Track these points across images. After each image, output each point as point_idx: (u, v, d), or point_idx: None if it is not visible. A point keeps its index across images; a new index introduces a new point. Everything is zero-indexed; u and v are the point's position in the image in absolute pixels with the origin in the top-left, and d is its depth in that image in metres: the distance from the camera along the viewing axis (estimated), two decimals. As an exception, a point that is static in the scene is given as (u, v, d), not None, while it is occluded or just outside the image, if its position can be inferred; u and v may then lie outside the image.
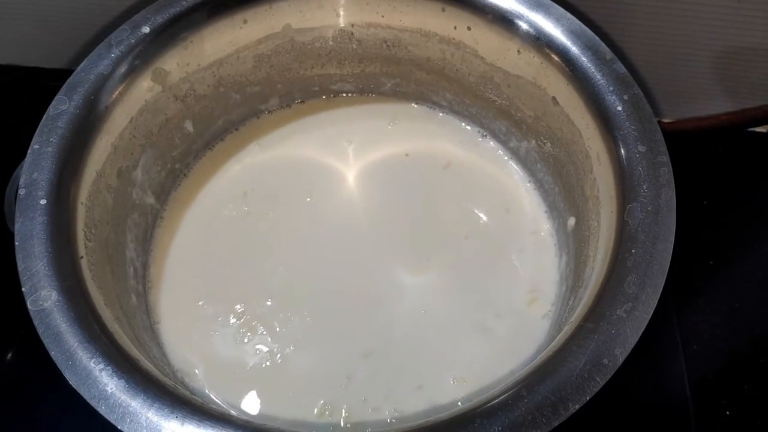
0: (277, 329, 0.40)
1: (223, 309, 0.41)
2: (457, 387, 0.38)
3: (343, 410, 0.37)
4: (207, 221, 0.45)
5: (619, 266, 0.32)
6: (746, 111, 0.49)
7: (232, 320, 0.41)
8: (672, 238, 0.32)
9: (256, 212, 0.46)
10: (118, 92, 0.39)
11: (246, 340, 0.40)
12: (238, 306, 0.41)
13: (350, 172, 0.48)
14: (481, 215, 0.46)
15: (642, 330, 0.30)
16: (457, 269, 0.43)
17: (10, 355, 0.43)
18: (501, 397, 0.28)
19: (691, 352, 0.44)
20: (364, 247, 0.44)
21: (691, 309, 0.46)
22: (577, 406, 0.28)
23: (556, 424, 0.28)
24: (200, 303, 0.42)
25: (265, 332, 0.40)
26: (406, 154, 0.48)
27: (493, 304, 0.42)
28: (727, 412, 0.42)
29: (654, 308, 0.31)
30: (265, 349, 0.40)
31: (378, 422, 0.36)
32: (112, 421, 0.27)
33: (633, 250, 0.32)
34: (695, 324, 0.46)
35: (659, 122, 0.37)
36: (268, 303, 0.42)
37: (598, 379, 0.29)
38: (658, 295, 0.31)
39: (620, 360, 0.29)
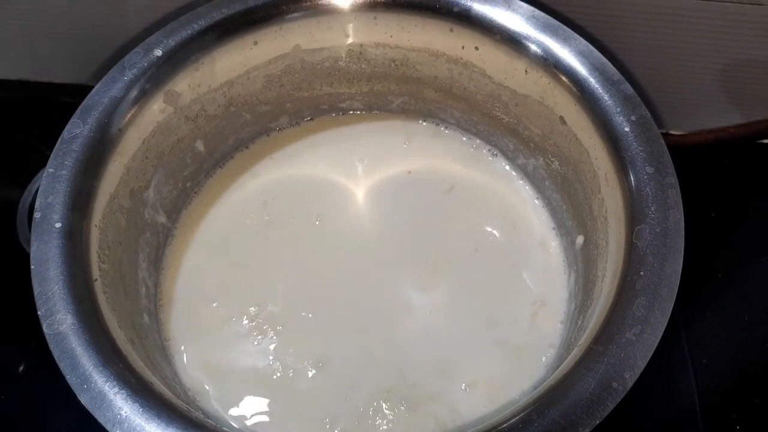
0: (288, 349, 0.41)
1: (234, 326, 0.42)
2: (467, 404, 0.38)
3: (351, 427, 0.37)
4: (217, 239, 0.46)
5: (627, 288, 0.32)
6: (754, 123, 0.49)
7: (243, 336, 0.41)
8: (680, 261, 0.33)
9: (266, 230, 0.46)
10: (130, 115, 0.40)
11: (257, 357, 0.40)
12: (249, 323, 0.42)
13: (359, 190, 0.48)
14: (489, 232, 0.46)
15: (651, 353, 0.30)
16: (466, 286, 0.43)
17: (22, 367, 0.44)
18: (511, 421, 0.29)
19: (700, 365, 0.44)
20: (373, 266, 0.44)
21: (700, 322, 0.46)
22: (587, 430, 0.28)
23: (566, 449, 0.28)
24: (211, 320, 0.42)
25: (276, 350, 0.41)
26: (413, 172, 0.49)
27: (502, 320, 0.42)
28: (738, 427, 0.42)
29: (663, 331, 0.31)
30: (276, 365, 0.40)
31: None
32: (128, 446, 0.28)
33: (642, 273, 0.32)
34: (704, 337, 0.46)
35: (666, 135, 0.37)
36: (279, 322, 0.42)
37: (608, 402, 0.29)
38: (667, 318, 0.31)
39: (630, 384, 0.29)
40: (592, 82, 0.39)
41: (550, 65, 0.41)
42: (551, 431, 0.28)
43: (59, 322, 0.31)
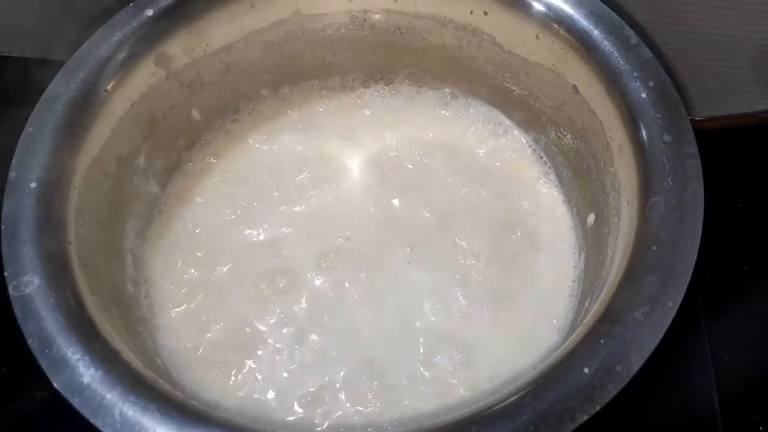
0: (278, 322, 0.39)
1: (222, 302, 0.40)
2: (467, 382, 0.36)
3: (333, 406, 0.35)
4: (211, 211, 0.44)
5: (638, 265, 0.29)
6: (787, 108, 0.45)
7: (230, 314, 0.39)
8: (698, 236, 0.30)
9: (262, 202, 0.44)
10: (118, 76, 0.38)
11: (244, 336, 0.39)
12: (238, 301, 0.40)
13: (363, 162, 0.46)
14: (497, 210, 0.43)
15: (661, 335, 0.27)
16: (471, 264, 0.41)
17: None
18: (502, 404, 0.26)
19: (722, 363, 0.42)
20: (375, 238, 0.42)
21: (722, 318, 0.44)
22: (586, 417, 0.25)
23: (560, 437, 0.25)
24: (200, 295, 0.40)
25: (263, 325, 0.39)
26: (420, 145, 0.46)
27: (508, 301, 0.40)
28: (760, 428, 0.40)
29: (675, 312, 0.28)
30: (261, 344, 0.38)
31: (376, 424, 0.34)
32: (86, 416, 0.26)
33: (654, 248, 0.29)
34: (726, 334, 0.43)
35: (691, 121, 0.34)
36: (271, 298, 0.40)
37: (610, 387, 0.26)
38: (681, 298, 0.28)
39: (635, 367, 0.26)
40: (607, 45, 0.37)
41: (563, 28, 0.38)
42: (546, 417, 0.26)
43: (26, 283, 0.30)
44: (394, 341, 0.38)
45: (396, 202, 0.44)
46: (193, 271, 0.41)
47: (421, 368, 0.37)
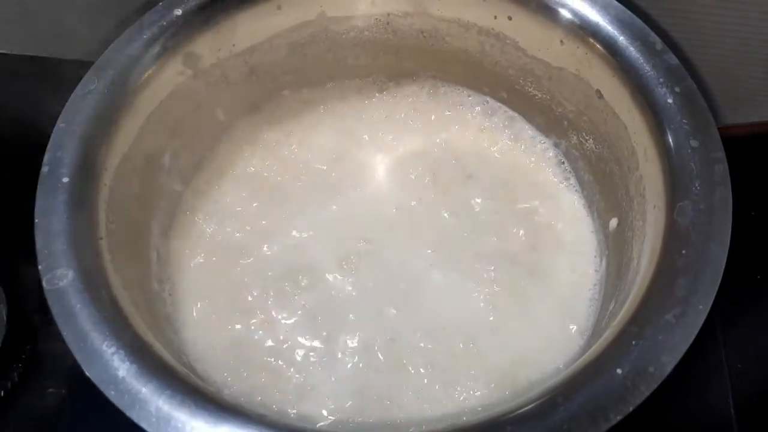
0: (300, 319, 0.39)
1: (244, 299, 0.40)
2: (487, 383, 0.36)
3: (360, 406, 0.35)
4: (233, 211, 0.44)
5: (667, 268, 0.30)
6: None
7: (253, 311, 0.40)
8: (727, 240, 0.30)
9: (284, 202, 0.44)
10: (147, 74, 0.39)
11: (266, 335, 0.39)
12: (258, 298, 0.40)
13: (382, 165, 0.46)
14: (516, 214, 0.44)
15: (693, 338, 0.27)
16: (491, 269, 0.41)
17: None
18: (534, 404, 0.26)
19: (736, 370, 0.42)
20: (394, 240, 0.42)
21: (737, 326, 0.44)
22: (620, 417, 0.26)
23: (594, 436, 0.25)
24: (222, 293, 0.40)
25: (285, 322, 0.39)
26: (440, 148, 0.46)
27: (528, 304, 0.40)
28: None
29: (706, 315, 0.28)
30: (283, 343, 0.38)
31: (402, 422, 0.34)
32: (121, 408, 0.26)
33: (683, 251, 0.30)
34: (741, 342, 0.43)
35: None
36: (294, 297, 0.40)
37: (642, 388, 0.26)
38: (711, 301, 0.28)
39: (668, 369, 0.27)
40: (633, 51, 0.37)
41: (588, 35, 0.39)
42: (578, 417, 0.26)
43: (59, 277, 0.30)
44: (417, 341, 0.38)
45: (417, 204, 0.44)
46: (215, 269, 0.42)
47: (445, 369, 0.37)
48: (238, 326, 0.39)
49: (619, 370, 0.27)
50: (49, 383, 0.42)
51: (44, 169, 0.33)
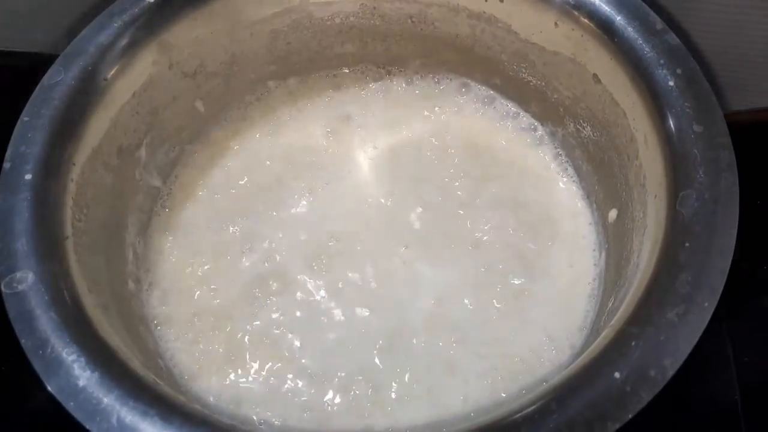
0: (285, 316, 0.37)
1: (225, 300, 0.38)
2: (483, 385, 0.35)
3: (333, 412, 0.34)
4: (216, 205, 0.42)
5: (669, 263, 0.28)
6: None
7: (233, 314, 0.38)
8: (734, 231, 0.28)
9: (267, 196, 0.42)
10: (119, 64, 0.37)
11: (247, 336, 0.37)
12: (241, 298, 0.38)
13: (373, 156, 0.44)
14: (512, 207, 0.42)
15: (697, 337, 0.26)
16: (487, 263, 0.39)
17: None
18: (527, 410, 0.24)
19: (743, 363, 0.40)
20: (387, 233, 0.41)
21: (742, 317, 0.43)
22: (617, 425, 0.24)
23: (590, 446, 0.23)
24: (202, 293, 0.39)
25: (270, 322, 0.37)
26: (433, 139, 0.44)
27: (525, 301, 0.38)
28: None
29: (712, 312, 0.26)
30: (263, 344, 0.37)
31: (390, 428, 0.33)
32: (80, 420, 0.24)
33: (687, 244, 0.28)
34: (746, 334, 0.42)
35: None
36: (274, 290, 0.39)
37: (642, 393, 0.24)
38: (717, 298, 0.27)
39: (670, 372, 0.25)
40: (631, 32, 0.35)
41: (583, 15, 0.37)
42: (573, 424, 0.24)
43: (19, 280, 0.28)
44: (401, 340, 0.37)
45: (405, 196, 0.42)
46: (195, 267, 0.40)
47: (433, 370, 0.35)
48: (218, 328, 0.37)
49: (617, 374, 0.25)
50: (37, 385, 0.39)
51: (6, 165, 0.32)
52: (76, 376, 0.25)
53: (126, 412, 0.25)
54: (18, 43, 0.47)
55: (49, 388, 0.25)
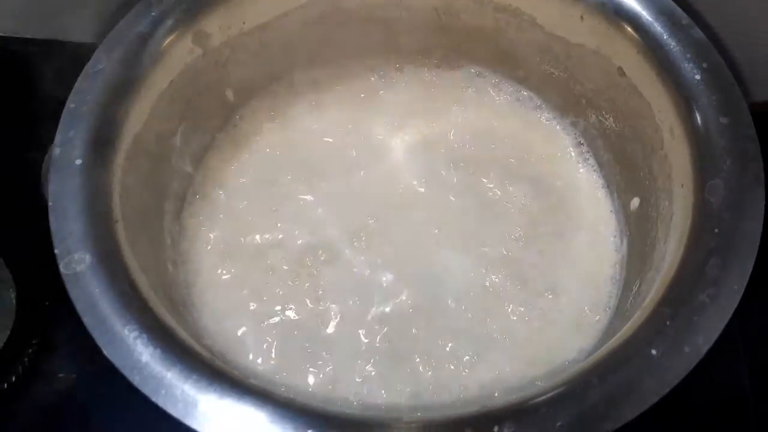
0: (318, 295, 0.39)
1: (260, 281, 0.39)
2: (511, 366, 0.36)
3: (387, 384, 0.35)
4: (246, 192, 0.43)
5: (699, 248, 0.29)
6: None
7: (268, 292, 0.39)
8: (761, 219, 0.29)
9: (297, 184, 0.43)
10: (158, 53, 0.37)
11: (283, 316, 0.38)
12: (276, 280, 0.39)
13: (398, 147, 0.45)
14: (534, 194, 0.43)
15: (728, 317, 0.27)
16: (510, 250, 0.41)
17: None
18: (569, 385, 0.26)
19: (755, 359, 0.41)
20: (412, 223, 0.42)
21: (755, 311, 0.42)
22: (656, 398, 0.25)
23: (630, 418, 0.25)
24: (237, 275, 0.40)
25: (302, 303, 0.39)
26: (456, 128, 0.45)
27: (547, 285, 0.39)
28: None
29: (741, 294, 0.28)
30: (300, 323, 0.38)
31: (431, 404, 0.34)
32: (146, 393, 0.26)
33: (716, 230, 0.29)
34: (759, 327, 0.42)
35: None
36: (309, 278, 0.40)
37: (679, 368, 0.26)
38: (746, 281, 0.28)
39: (704, 350, 0.26)
40: (658, 27, 0.36)
41: (610, 10, 0.38)
42: (615, 397, 0.25)
43: (77, 261, 0.29)
44: (430, 319, 0.38)
45: (431, 184, 0.43)
46: (229, 251, 0.41)
47: (465, 346, 0.37)
48: (255, 309, 0.38)
49: (654, 351, 0.26)
50: (60, 368, 0.41)
51: (56, 150, 0.32)
52: (139, 352, 0.27)
53: (190, 386, 0.26)
54: (60, 33, 0.48)
55: (113, 363, 0.26)
